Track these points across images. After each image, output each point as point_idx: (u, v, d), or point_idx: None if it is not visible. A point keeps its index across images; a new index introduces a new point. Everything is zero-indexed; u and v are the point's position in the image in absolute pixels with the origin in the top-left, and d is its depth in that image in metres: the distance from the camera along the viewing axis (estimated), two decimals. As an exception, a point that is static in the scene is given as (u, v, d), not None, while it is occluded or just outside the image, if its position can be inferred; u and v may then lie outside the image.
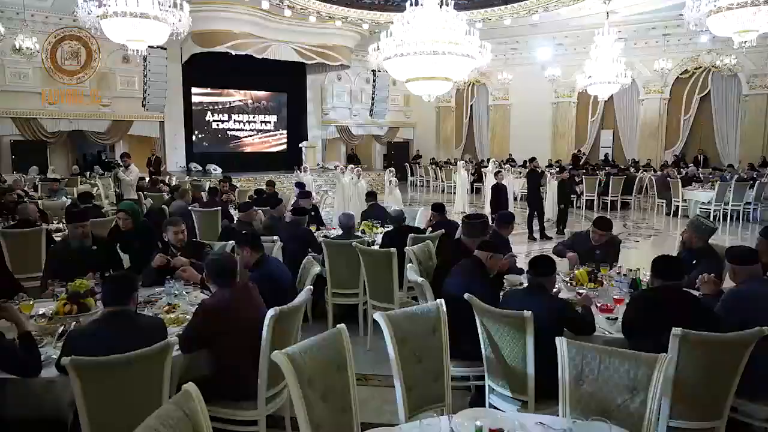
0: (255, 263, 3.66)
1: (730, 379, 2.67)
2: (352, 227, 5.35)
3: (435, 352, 2.91)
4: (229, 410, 3.05)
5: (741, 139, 17.16)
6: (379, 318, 2.75)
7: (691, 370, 2.65)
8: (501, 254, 3.69)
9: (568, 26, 17.33)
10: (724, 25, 7.77)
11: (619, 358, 2.31)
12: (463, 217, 4.38)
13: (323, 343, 2.49)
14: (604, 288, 4.03)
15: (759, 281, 3.21)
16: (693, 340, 2.57)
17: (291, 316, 3.10)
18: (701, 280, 3.57)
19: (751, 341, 2.61)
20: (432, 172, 19.49)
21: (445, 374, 2.93)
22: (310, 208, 6.95)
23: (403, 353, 2.77)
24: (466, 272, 3.65)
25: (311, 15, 14.89)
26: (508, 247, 4.83)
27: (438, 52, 8.23)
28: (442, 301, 3.00)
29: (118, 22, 7.78)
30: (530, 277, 3.23)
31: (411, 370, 2.80)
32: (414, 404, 2.80)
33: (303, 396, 2.26)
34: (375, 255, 4.67)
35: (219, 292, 3.13)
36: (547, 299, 3.12)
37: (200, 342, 3.02)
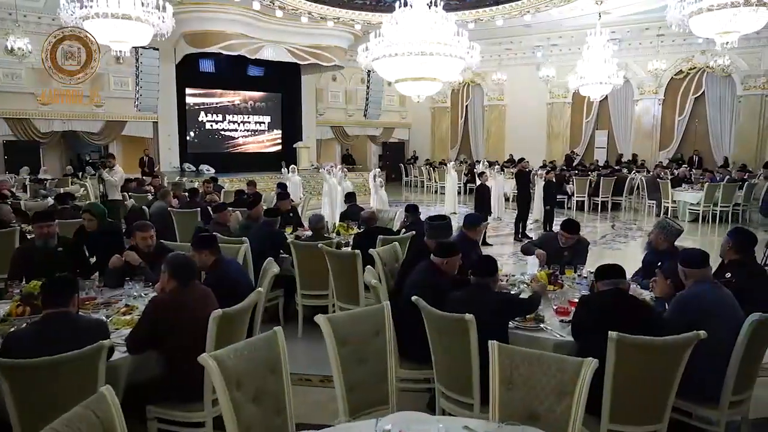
0: (211, 265, 3.66)
1: (669, 383, 2.66)
2: (322, 228, 5.35)
3: (379, 354, 2.91)
4: (177, 412, 3.06)
5: (735, 139, 17.11)
6: (318, 320, 2.75)
7: (628, 374, 2.65)
8: (458, 256, 3.67)
9: (562, 27, 17.32)
10: (706, 27, 7.77)
11: (547, 362, 2.30)
12: (426, 218, 4.38)
13: (257, 345, 2.50)
14: (563, 290, 4.02)
15: (707, 285, 3.18)
16: (628, 344, 2.57)
17: (237, 318, 3.10)
18: (655, 280, 3.57)
19: (687, 345, 2.61)
20: (426, 173, 19.48)
21: (389, 376, 2.93)
22: (288, 209, 6.96)
23: (344, 355, 2.77)
24: (420, 276, 3.66)
25: (303, 15, 14.90)
26: (476, 249, 4.81)
27: (426, 52, 8.26)
28: (387, 303, 3.01)
29: (101, 23, 7.82)
30: (475, 278, 3.23)
31: (353, 371, 2.80)
32: (356, 406, 2.80)
33: (230, 399, 2.27)
34: (340, 257, 4.68)
35: (174, 289, 3.13)
36: (491, 296, 3.13)
37: (149, 341, 3.03)
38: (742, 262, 3.62)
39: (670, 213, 12.37)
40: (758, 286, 3.42)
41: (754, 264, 3.69)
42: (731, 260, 3.70)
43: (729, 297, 3.18)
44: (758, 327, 2.87)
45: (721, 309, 3.08)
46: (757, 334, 2.91)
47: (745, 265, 3.62)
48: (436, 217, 4.42)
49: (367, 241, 5.22)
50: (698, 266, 3.22)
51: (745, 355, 2.94)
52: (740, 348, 2.92)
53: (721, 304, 3.11)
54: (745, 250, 3.72)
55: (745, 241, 3.73)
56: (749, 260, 3.68)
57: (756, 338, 2.92)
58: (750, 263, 3.66)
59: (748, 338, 2.90)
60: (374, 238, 5.15)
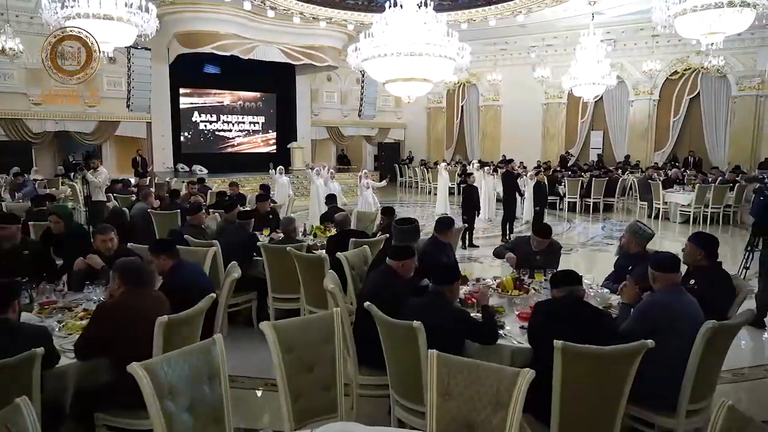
0: (169, 270, 3.62)
1: (619, 392, 2.61)
2: (293, 231, 5.31)
3: (328, 361, 2.87)
4: (126, 419, 3.02)
5: (730, 140, 17.03)
6: (263, 327, 2.71)
7: (576, 383, 2.60)
8: (413, 259, 3.62)
9: (557, 27, 17.25)
10: (691, 28, 7.72)
11: (485, 372, 2.25)
12: (394, 221, 4.33)
13: (193, 353, 2.46)
14: (529, 295, 3.97)
15: (674, 291, 3.13)
16: (574, 353, 2.52)
17: (186, 324, 3.06)
18: (623, 286, 3.51)
19: (636, 354, 2.56)
20: (420, 173, 19.44)
21: (338, 384, 2.88)
22: (267, 211, 6.92)
23: (290, 362, 2.73)
24: (376, 280, 3.61)
25: (295, 16, 14.87)
26: (448, 252, 4.77)
27: (415, 53, 8.24)
28: (337, 309, 2.96)
29: (82, 24, 7.80)
30: (432, 285, 3.18)
31: (299, 379, 2.76)
32: (302, 414, 2.76)
33: (162, 409, 2.23)
34: (308, 260, 4.64)
35: (123, 294, 3.09)
36: (445, 308, 3.06)
37: (96, 347, 2.98)
38: (708, 268, 3.56)
39: (662, 214, 12.33)
40: (719, 293, 3.37)
41: (719, 270, 3.63)
42: (698, 267, 3.64)
43: (693, 304, 3.12)
44: (713, 335, 2.82)
45: (684, 316, 3.03)
46: (712, 342, 2.86)
47: (709, 271, 3.56)
48: (403, 220, 4.37)
49: (339, 244, 5.19)
50: (668, 270, 3.16)
51: (701, 363, 2.89)
52: (696, 356, 2.87)
53: (685, 312, 3.06)
54: (715, 255, 3.67)
55: (714, 246, 3.69)
56: (714, 266, 3.62)
57: (711, 346, 2.87)
58: (714, 269, 3.60)
59: (704, 346, 2.85)
60: (347, 241, 5.12)
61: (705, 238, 3.72)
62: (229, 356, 4.61)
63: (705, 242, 3.66)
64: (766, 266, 5.44)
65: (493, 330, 3.13)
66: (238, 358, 4.44)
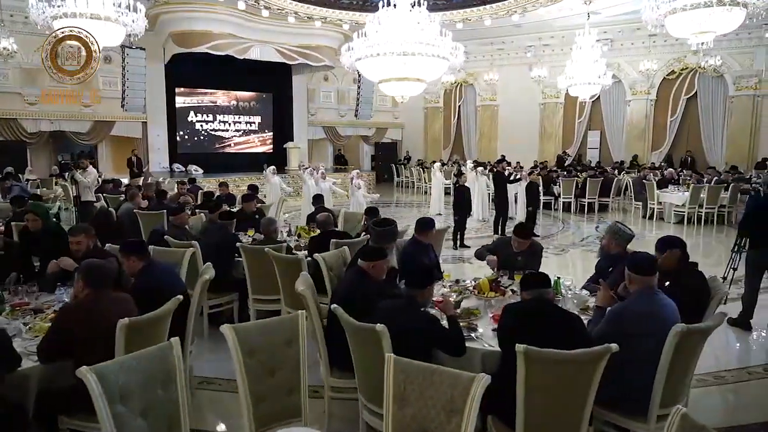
0: (140, 271, 3.58)
1: (584, 396, 2.57)
2: (273, 232, 5.27)
3: (291, 364, 2.83)
4: (88, 423, 2.97)
5: (728, 140, 16.96)
6: (223, 330, 2.67)
7: (540, 387, 2.55)
8: (384, 260, 3.58)
9: (554, 27, 17.19)
10: (681, 27, 7.67)
11: (440, 377, 2.21)
12: (372, 222, 4.29)
13: (148, 357, 2.42)
14: (505, 297, 3.92)
15: (647, 296, 3.05)
16: (535, 357, 2.47)
17: (150, 326, 3.02)
18: (600, 290, 3.46)
19: (599, 358, 2.51)
20: (416, 174, 19.40)
21: (302, 387, 2.84)
22: (253, 211, 6.89)
23: (252, 365, 2.69)
24: (348, 282, 3.58)
25: (289, 15, 14.83)
26: (429, 253, 4.73)
27: (408, 52, 8.19)
28: (302, 312, 2.92)
29: (70, 23, 7.77)
30: (405, 289, 3.13)
31: (261, 383, 2.72)
32: (264, 418, 2.72)
33: (112, 414, 2.20)
34: (286, 261, 4.60)
35: (87, 296, 3.05)
36: (414, 312, 3.01)
37: (58, 350, 2.94)
38: (679, 270, 3.51)
39: (656, 214, 12.27)
40: (690, 296, 3.32)
41: (694, 273, 3.58)
42: (672, 268, 3.58)
43: (669, 308, 3.05)
44: (681, 338, 2.78)
45: (659, 320, 2.96)
46: (682, 346, 2.81)
47: (684, 272, 3.52)
48: (380, 221, 4.33)
49: (321, 245, 5.16)
50: (644, 273, 3.07)
51: (672, 367, 2.85)
52: (666, 360, 2.82)
53: (660, 316, 2.98)
54: (687, 256, 3.62)
55: (685, 247, 3.64)
56: (689, 267, 3.58)
57: (681, 349, 2.82)
58: (688, 273, 3.55)
59: (673, 350, 2.80)
60: (329, 242, 5.08)
61: (678, 242, 3.67)
62: (208, 358, 4.66)
63: (682, 245, 3.61)
64: (752, 267, 5.39)
65: (459, 341, 3.05)
66: (218, 360, 4.40)
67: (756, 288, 5.40)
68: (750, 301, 5.42)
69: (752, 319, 5.45)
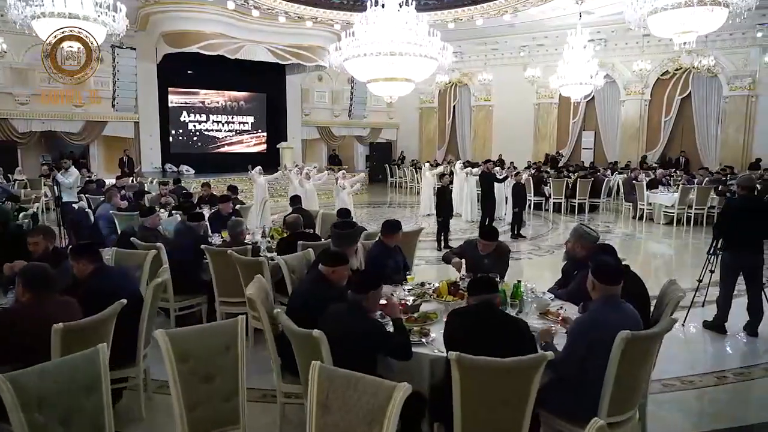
0: (90, 274, 3.53)
1: (522, 404, 2.51)
2: (240, 234, 5.22)
3: (228, 371, 2.78)
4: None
5: (722, 140, 16.86)
6: (156, 335, 2.62)
7: (478, 395, 2.50)
8: (345, 266, 3.52)
9: (547, 27, 17.12)
10: (663, 26, 7.60)
11: (364, 386, 2.16)
12: (333, 225, 4.23)
13: (72, 364, 2.37)
14: (464, 300, 3.85)
15: (612, 305, 2.95)
16: (468, 365, 2.42)
17: (89, 331, 2.97)
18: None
19: (535, 366, 2.45)
20: (409, 174, 19.35)
21: (240, 394, 2.79)
22: (230, 211, 6.84)
23: (186, 372, 2.64)
24: (306, 287, 3.52)
25: (280, 15, 14.79)
26: (395, 256, 4.66)
27: (395, 52, 8.14)
28: (242, 317, 2.87)
29: (49, 23, 7.74)
30: (351, 294, 3.07)
31: (195, 389, 2.67)
32: (199, 425, 2.67)
33: (27, 422, 2.15)
34: (248, 263, 4.54)
35: (27, 300, 3.00)
36: (358, 318, 2.95)
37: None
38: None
39: (646, 215, 12.19)
40: (638, 302, 3.25)
41: (635, 279, 3.55)
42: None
43: (632, 318, 2.96)
44: (628, 345, 2.71)
45: (620, 330, 2.87)
46: (629, 353, 2.74)
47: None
48: (341, 223, 4.27)
49: (290, 247, 5.11)
50: (609, 282, 2.97)
51: (620, 375, 2.78)
52: (613, 367, 2.76)
53: (621, 326, 2.88)
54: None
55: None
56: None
57: (629, 357, 2.75)
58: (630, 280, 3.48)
59: (619, 357, 2.74)
60: (297, 244, 5.03)
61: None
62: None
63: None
64: (727, 270, 5.32)
65: (403, 345, 2.99)
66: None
67: (730, 291, 5.34)
68: (725, 304, 5.35)
69: (727, 323, 5.38)
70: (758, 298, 5.26)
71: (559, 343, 3.09)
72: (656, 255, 10.13)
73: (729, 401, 4.18)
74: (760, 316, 5.27)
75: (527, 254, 9.45)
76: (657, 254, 10.20)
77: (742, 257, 5.24)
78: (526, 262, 9.08)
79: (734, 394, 4.28)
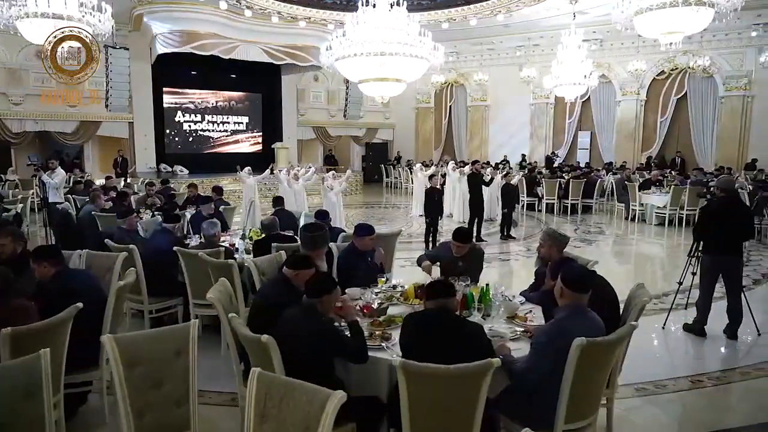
0: (52, 277, 3.51)
1: (471, 411, 2.47)
2: (214, 236, 5.19)
3: (179, 376, 2.74)
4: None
5: (717, 141, 16.80)
6: (103, 340, 2.60)
7: (424, 402, 2.46)
8: (310, 270, 3.48)
9: (542, 27, 17.06)
10: (649, 27, 7.56)
11: (300, 394, 2.12)
12: (302, 227, 4.20)
13: (11, 370, 2.35)
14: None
15: (578, 314, 2.90)
16: (413, 371, 2.38)
17: (41, 335, 2.94)
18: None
19: (482, 373, 2.42)
20: (403, 174, 19.33)
21: (191, 399, 2.76)
22: (211, 212, 6.81)
23: (134, 377, 2.61)
24: (269, 289, 3.49)
25: (273, 15, 14.76)
26: (364, 260, 4.60)
27: (386, 52, 8.11)
28: (195, 321, 2.84)
29: (34, 23, 7.73)
30: (306, 298, 3.03)
31: (144, 395, 2.64)
32: (149, 431, 2.63)
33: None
34: (218, 266, 4.52)
35: None
36: (312, 322, 2.91)
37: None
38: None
39: (638, 216, 12.14)
40: (610, 307, 3.22)
41: (606, 288, 3.50)
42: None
43: (596, 328, 2.90)
44: (583, 353, 2.67)
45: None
46: (583, 361, 2.70)
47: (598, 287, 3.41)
48: (311, 225, 4.23)
49: (264, 249, 5.08)
50: (577, 290, 2.90)
51: (577, 381, 2.74)
52: (569, 373, 2.72)
53: (586, 335, 2.83)
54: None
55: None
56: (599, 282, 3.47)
57: (583, 365, 2.71)
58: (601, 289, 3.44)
59: (576, 364, 2.70)
60: (271, 246, 5.00)
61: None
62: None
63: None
64: (706, 273, 5.28)
65: (359, 349, 2.95)
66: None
67: (710, 294, 5.29)
68: (704, 307, 5.31)
69: (707, 326, 5.34)
70: (737, 302, 5.21)
71: (523, 348, 3.06)
72: (645, 257, 10.07)
73: (703, 406, 4.13)
74: (740, 320, 5.23)
75: (516, 255, 9.41)
76: (646, 256, 10.13)
77: (721, 260, 5.20)
78: (515, 263, 9.05)
79: (708, 399, 4.23)
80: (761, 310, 5.72)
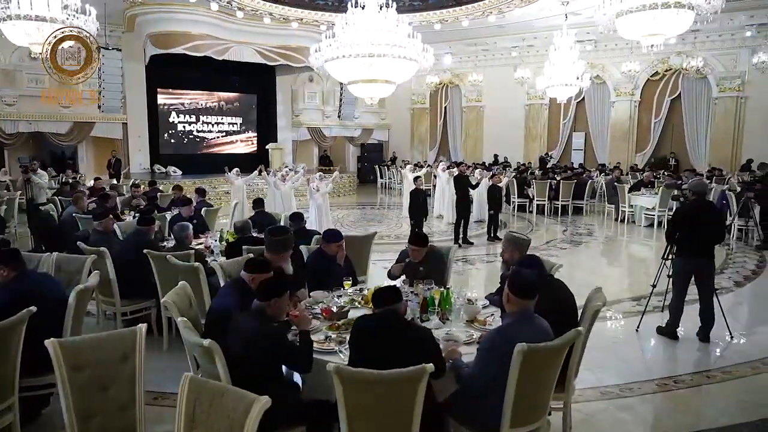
0: (10, 281, 3.52)
1: (408, 417, 2.48)
2: (186, 238, 5.20)
3: (126, 380, 2.76)
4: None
5: (711, 142, 16.78)
6: (48, 344, 2.61)
7: (362, 407, 2.47)
8: (267, 274, 3.49)
9: (536, 28, 17.04)
10: (631, 29, 7.55)
11: (228, 399, 2.13)
12: (267, 230, 4.21)
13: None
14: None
15: (524, 320, 2.88)
16: (347, 377, 2.39)
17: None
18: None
19: (416, 378, 2.43)
20: (396, 175, 19.34)
21: (138, 403, 2.77)
22: (190, 214, 6.83)
23: (80, 381, 2.63)
24: (226, 292, 3.50)
25: (265, 16, 14.79)
26: (333, 266, 4.60)
27: (374, 54, 8.12)
28: (142, 326, 2.85)
29: (17, 25, 7.76)
30: (256, 302, 3.04)
31: (90, 399, 2.65)
32: (93, 436, 2.65)
33: None
34: (184, 269, 4.53)
35: None
36: (261, 327, 2.92)
37: None
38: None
39: (628, 218, 12.12)
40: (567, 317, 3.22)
41: (565, 293, 3.51)
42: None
43: (543, 333, 2.90)
44: (525, 358, 2.67)
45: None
46: (526, 366, 2.70)
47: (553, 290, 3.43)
48: (275, 229, 4.24)
49: (236, 251, 5.09)
50: (524, 296, 2.89)
51: (521, 386, 2.74)
52: (512, 380, 2.72)
53: (532, 341, 2.82)
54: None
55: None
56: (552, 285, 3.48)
57: (526, 370, 2.71)
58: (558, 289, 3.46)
59: (519, 368, 2.70)
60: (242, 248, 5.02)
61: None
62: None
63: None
64: (679, 275, 5.28)
65: (305, 357, 2.95)
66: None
67: (682, 296, 5.29)
68: (677, 310, 5.31)
69: (680, 328, 5.34)
70: (710, 304, 5.21)
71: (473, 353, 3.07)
72: (631, 258, 10.05)
73: (669, 410, 4.13)
74: (712, 322, 5.23)
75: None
76: (632, 257, 10.11)
77: (693, 263, 5.20)
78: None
79: (674, 403, 4.23)
80: (745, 311, 5.72)
